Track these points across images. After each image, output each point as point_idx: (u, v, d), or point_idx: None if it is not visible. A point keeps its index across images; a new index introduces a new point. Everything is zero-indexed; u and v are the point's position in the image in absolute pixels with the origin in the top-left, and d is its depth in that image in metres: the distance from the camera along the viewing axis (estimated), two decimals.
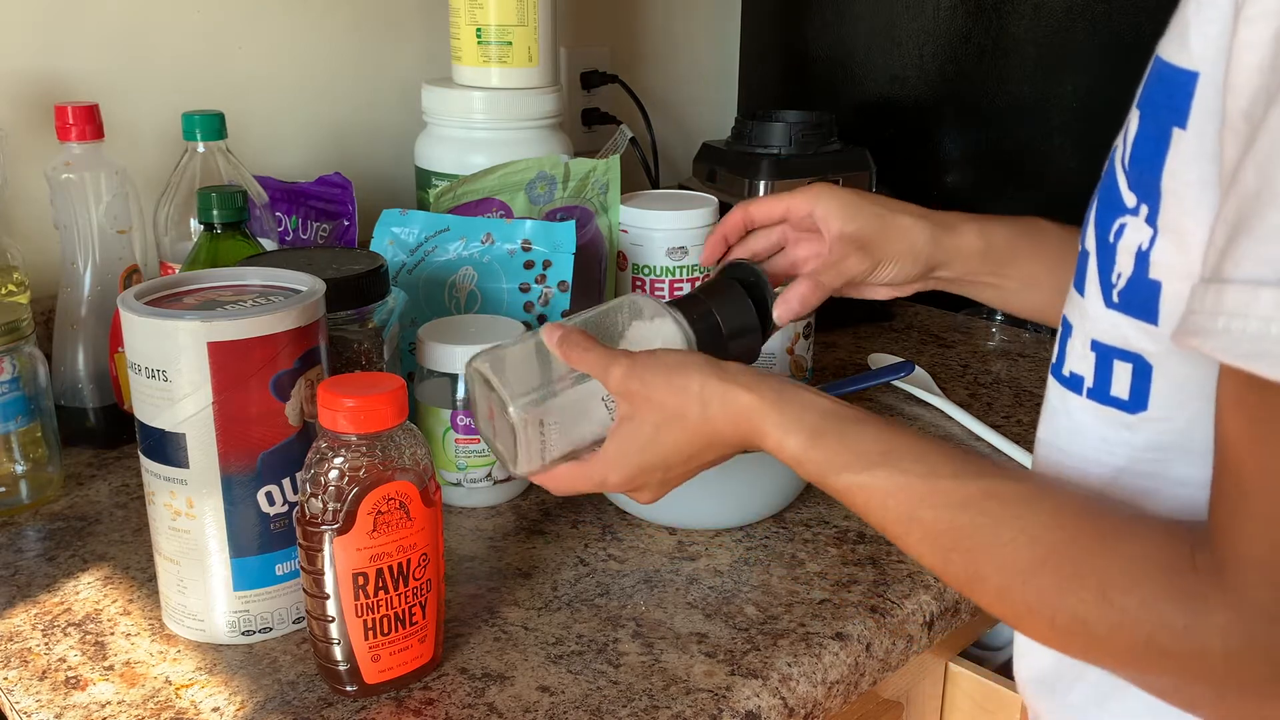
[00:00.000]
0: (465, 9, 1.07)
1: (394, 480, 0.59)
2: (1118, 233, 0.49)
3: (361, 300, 0.74)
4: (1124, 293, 0.49)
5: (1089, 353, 0.52)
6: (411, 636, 0.61)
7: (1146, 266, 0.47)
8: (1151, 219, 0.47)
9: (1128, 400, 0.50)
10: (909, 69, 1.37)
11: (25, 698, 0.61)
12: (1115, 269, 0.49)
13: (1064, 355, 0.55)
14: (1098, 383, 0.52)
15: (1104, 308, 0.50)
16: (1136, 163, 0.48)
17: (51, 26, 1.01)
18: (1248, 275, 0.38)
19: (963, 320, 1.29)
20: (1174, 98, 0.45)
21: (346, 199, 1.04)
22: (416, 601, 0.61)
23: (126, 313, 0.62)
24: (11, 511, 0.81)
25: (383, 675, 0.61)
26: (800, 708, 0.64)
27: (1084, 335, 0.52)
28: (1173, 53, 0.46)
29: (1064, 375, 0.54)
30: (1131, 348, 0.50)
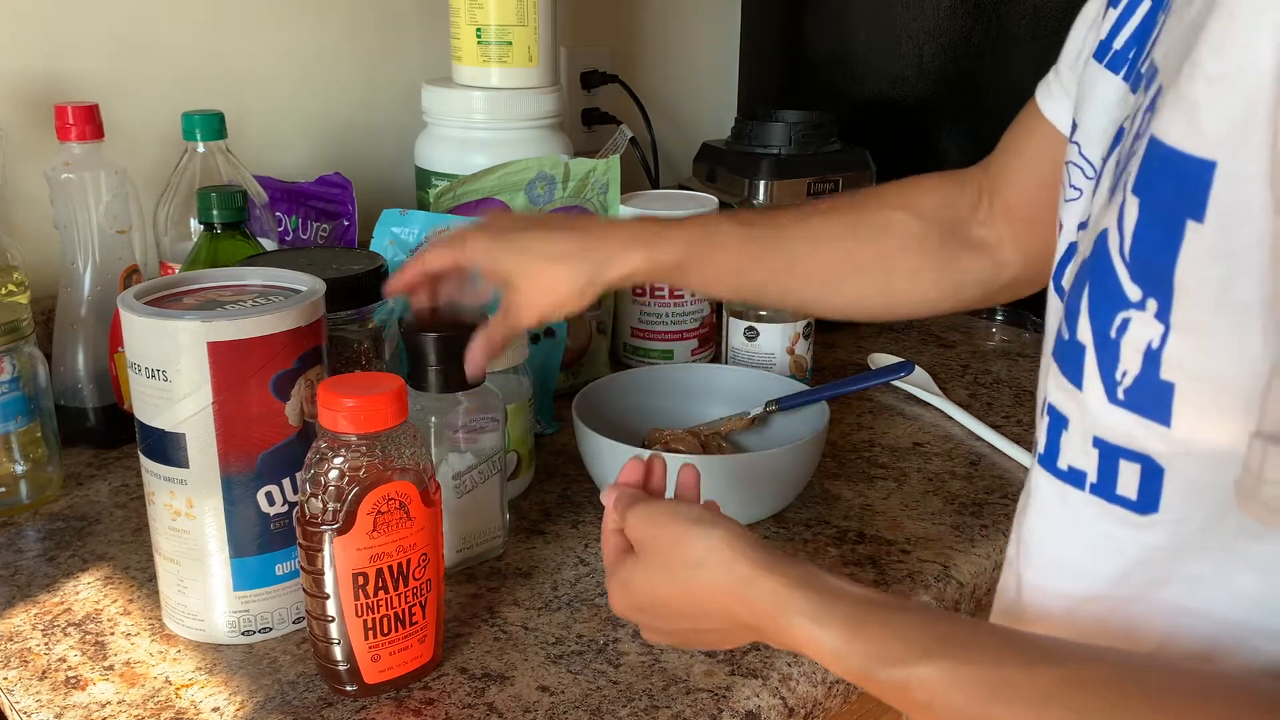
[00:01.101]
0: (465, 9, 1.06)
1: (394, 480, 0.59)
2: (1120, 328, 0.45)
3: (361, 300, 0.74)
4: (1131, 391, 0.45)
5: (1091, 449, 0.48)
6: (411, 636, 0.61)
7: (1158, 366, 0.44)
8: (1162, 315, 0.43)
9: (1136, 501, 0.47)
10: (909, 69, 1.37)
11: (25, 698, 0.61)
12: (1120, 366, 0.46)
13: (1058, 448, 0.51)
14: (1102, 480, 0.48)
15: (1107, 404, 0.47)
16: (1140, 254, 0.44)
17: (52, 26, 1.01)
18: None
19: (963, 320, 1.29)
20: (1186, 188, 0.41)
21: (346, 199, 1.04)
22: (416, 601, 0.61)
23: (126, 313, 0.62)
24: (11, 511, 0.81)
25: (382, 675, 0.61)
26: (800, 707, 0.64)
27: (1084, 431, 0.49)
28: (1178, 137, 0.41)
29: (1060, 469, 0.51)
30: (1140, 448, 0.46)
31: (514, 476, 0.83)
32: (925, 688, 0.45)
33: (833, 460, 0.91)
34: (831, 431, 0.96)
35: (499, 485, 0.75)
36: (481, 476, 0.73)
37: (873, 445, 0.95)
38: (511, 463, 0.82)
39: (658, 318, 1.07)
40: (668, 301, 1.07)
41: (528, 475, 0.85)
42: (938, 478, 0.89)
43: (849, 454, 0.93)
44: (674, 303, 1.07)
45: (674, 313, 1.07)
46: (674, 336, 1.08)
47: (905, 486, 0.87)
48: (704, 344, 1.10)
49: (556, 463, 0.90)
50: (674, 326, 1.08)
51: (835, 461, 0.91)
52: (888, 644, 0.47)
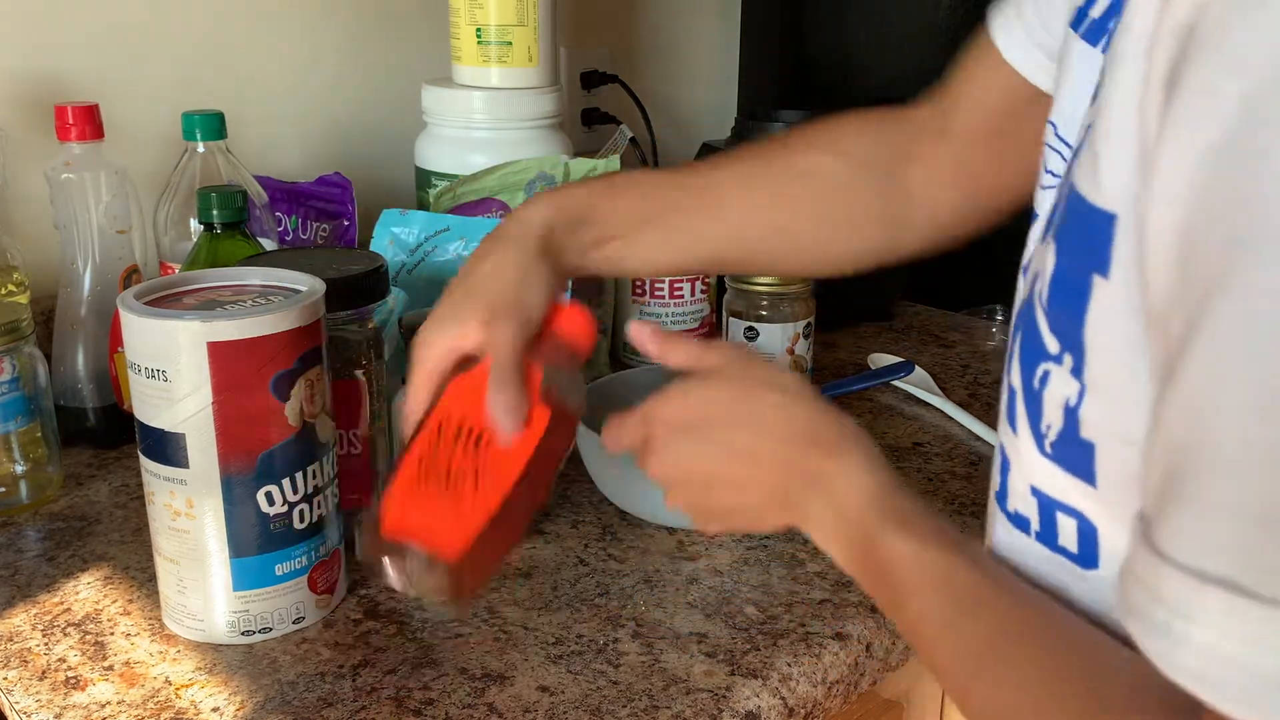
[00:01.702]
0: (465, 9, 1.06)
1: (539, 374, 0.58)
2: (1042, 379, 0.44)
3: (361, 300, 0.74)
4: (1056, 445, 0.44)
5: (1030, 498, 0.47)
6: (450, 505, 0.55)
7: (1077, 425, 0.42)
8: (1077, 372, 0.42)
9: (1077, 555, 0.46)
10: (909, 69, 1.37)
11: (25, 698, 0.61)
12: (1044, 419, 0.44)
13: (1006, 489, 0.50)
14: (1044, 529, 0.47)
15: (1038, 454, 0.46)
16: (1055, 307, 0.42)
17: (52, 26, 1.01)
18: (1188, 561, 0.33)
19: (963, 320, 1.28)
20: (1092, 240, 0.39)
21: (346, 199, 1.04)
22: (478, 475, 0.56)
23: (126, 313, 0.62)
24: (11, 511, 0.81)
25: (401, 527, 0.55)
26: (800, 708, 0.64)
27: (1023, 478, 0.48)
28: (1086, 186, 0.40)
29: (1009, 511, 0.50)
30: (1072, 504, 0.45)
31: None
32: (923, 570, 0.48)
33: None
34: None
35: None
36: None
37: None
38: None
39: (658, 318, 1.07)
40: (668, 302, 1.07)
41: None
42: (938, 478, 0.89)
43: None
44: (674, 303, 1.07)
45: (674, 313, 1.07)
46: None
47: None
48: None
49: None
50: (674, 326, 1.08)
51: None
52: (916, 518, 0.50)
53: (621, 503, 0.81)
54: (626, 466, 0.78)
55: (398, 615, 0.69)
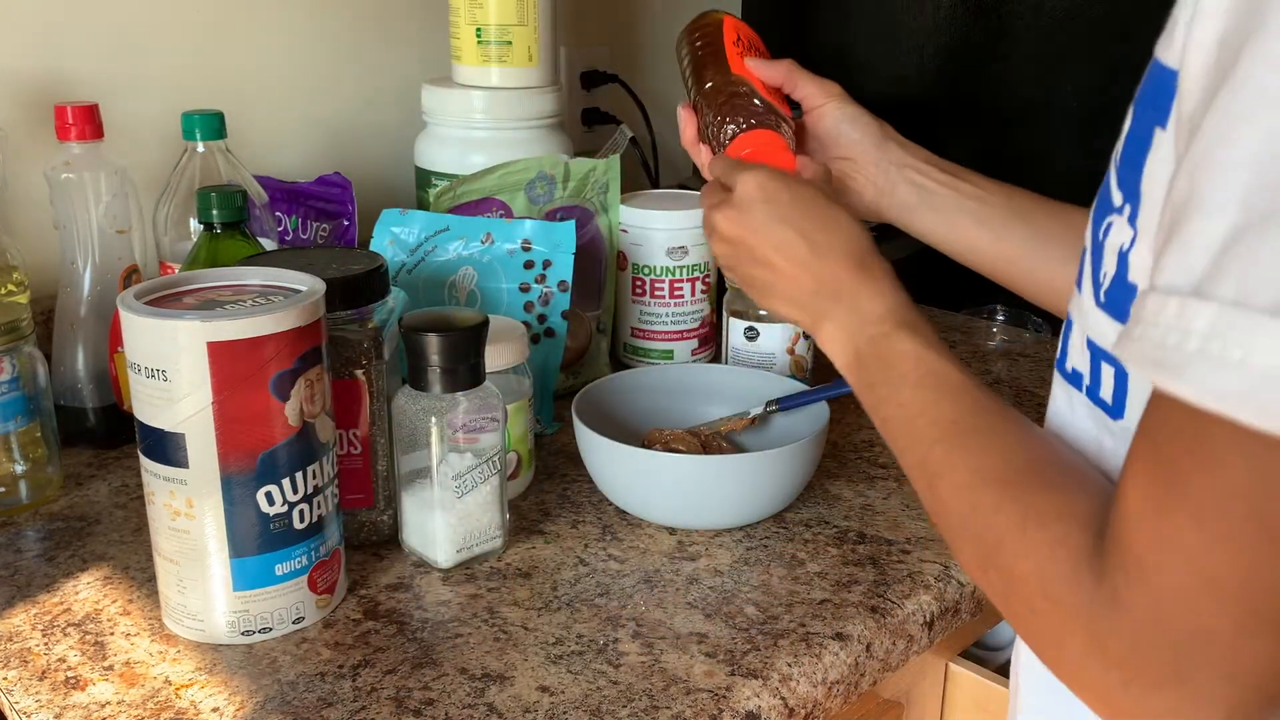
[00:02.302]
0: (465, 9, 1.06)
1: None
2: (1105, 231, 0.48)
3: (361, 300, 0.74)
4: (1109, 293, 0.48)
5: (1085, 350, 0.51)
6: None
7: (1127, 268, 0.46)
8: (1133, 219, 0.46)
9: (1110, 405, 0.50)
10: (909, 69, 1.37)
11: (25, 698, 0.61)
12: (1103, 268, 0.49)
13: (1066, 350, 0.54)
14: (1092, 382, 0.51)
15: (1094, 306, 0.49)
16: (1124, 161, 0.47)
17: (52, 27, 1.01)
18: (1165, 283, 0.37)
19: (963, 320, 1.29)
20: (1159, 96, 0.44)
21: (346, 199, 1.04)
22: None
23: (126, 313, 0.62)
24: (11, 511, 0.81)
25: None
26: (800, 708, 0.64)
27: (1081, 332, 0.52)
28: (1163, 50, 0.45)
29: (1066, 370, 0.54)
30: (1114, 352, 0.49)
31: (514, 476, 0.83)
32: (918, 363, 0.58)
33: (833, 460, 0.91)
34: (831, 431, 0.96)
35: (499, 485, 0.75)
36: (481, 476, 0.73)
37: (873, 445, 0.95)
38: (511, 463, 0.82)
39: (658, 318, 1.07)
40: (668, 302, 1.07)
41: (528, 475, 0.85)
42: None
43: (849, 454, 0.93)
44: (674, 303, 1.07)
45: (674, 313, 1.07)
46: (674, 336, 1.08)
47: (905, 486, 0.87)
48: (704, 344, 1.10)
49: (556, 463, 0.90)
50: (674, 326, 1.08)
51: (835, 461, 0.91)
52: (928, 329, 0.60)
53: (621, 503, 0.81)
54: (626, 466, 0.78)
55: (398, 615, 0.69)
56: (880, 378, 0.60)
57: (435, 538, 0.73)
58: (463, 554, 0.74)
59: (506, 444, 0.78)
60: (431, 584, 0.73)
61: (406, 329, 0.71)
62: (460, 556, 0.74)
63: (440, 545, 0.73)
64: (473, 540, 0.74)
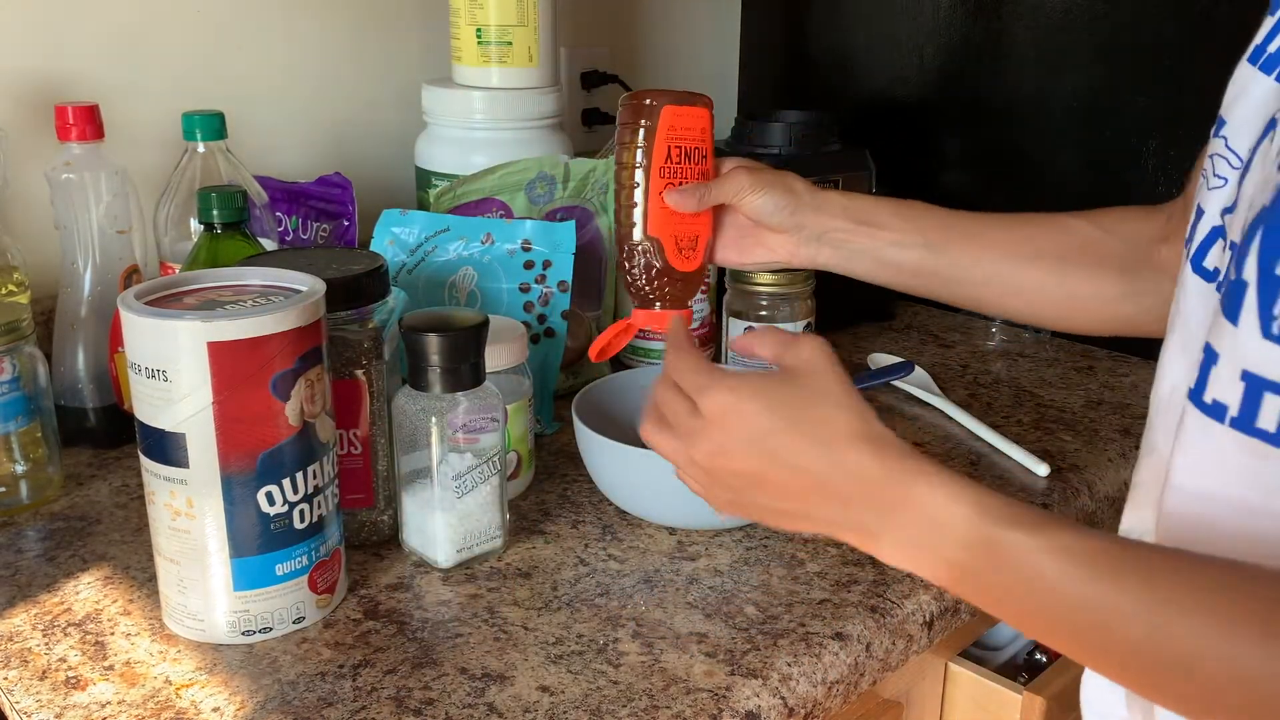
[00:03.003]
0: (465, 9, 1.07)
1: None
2: None
3: (361, 300, 0.74)
4: None
5: (1239, 382, 0.50)
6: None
7: None
8: None
9: (1274, 433, 0.49)
10: (909, 69, 1.37)
11: (25, 698, 0.61)
12: (1278, 304, 0.47)
13: (1205, 382, 0.53)
14: (1243, 413, 0.50)
15: (1260, 338, 0.48)
16: None
17: (52, 26, 1.01)
18: None
19: (963, 320, 1.29)
20: None
21: (346, 199, 1.04)
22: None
23: (126, 313, 0.62)
24: (11, 511, 0.81)
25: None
26: (800, 708, 0.64)
27: (1234, 365, 0.50)
28: None
29: (1205, 402, 0.52)
30: None
31: (514, 476, 0.83)
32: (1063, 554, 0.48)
33: None
34: None
35: (499, 485, 0.75)
36: (481, 476, 0.73)
37: None
38: (511, 463, 0.82)
39: None
40: None
41: (528, 475, 0.85)
42: None
43: None
44: None
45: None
46: None
47: None
48: (704, 344, 1.10)
49: (556, 463, 0.90)
50: None
51: None
52: (1026, 511, 0.50)
53: (621, 503, 0.81)
54: (626, 466, 0.78)
55: (398, 615, 0.69)
56: (1020, 590, 0.50)
57: (435, 538, 0.73)
58: (463, 554, 0.74)
59: (506, 444, 0.78)
60: (431, 584, 0.73)
61: (406, 329, 0.71)
62: (460, 556, 0.74)
63: (440, 545, 0.73)
64: (473, 540, 0.74)
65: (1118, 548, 0.48)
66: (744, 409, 0.56)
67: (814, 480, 0.54)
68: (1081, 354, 1.19)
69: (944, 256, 0.79)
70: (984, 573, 0.50)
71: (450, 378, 0.71)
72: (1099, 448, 0.96)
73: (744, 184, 0.78)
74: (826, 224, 0.79)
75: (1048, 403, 1.05)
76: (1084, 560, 0.48)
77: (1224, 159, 0.58)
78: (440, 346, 0.70)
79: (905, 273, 0.80)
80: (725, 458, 0.56)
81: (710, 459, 0.57)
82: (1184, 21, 1.13)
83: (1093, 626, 0.47)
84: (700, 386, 0.57)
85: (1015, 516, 0.50)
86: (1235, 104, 0.58)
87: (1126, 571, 0.47)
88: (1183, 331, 0.59)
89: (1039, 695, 0.81)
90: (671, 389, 0.60)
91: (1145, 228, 0.78)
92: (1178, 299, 0.60)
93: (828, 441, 0.54)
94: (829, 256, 0.80)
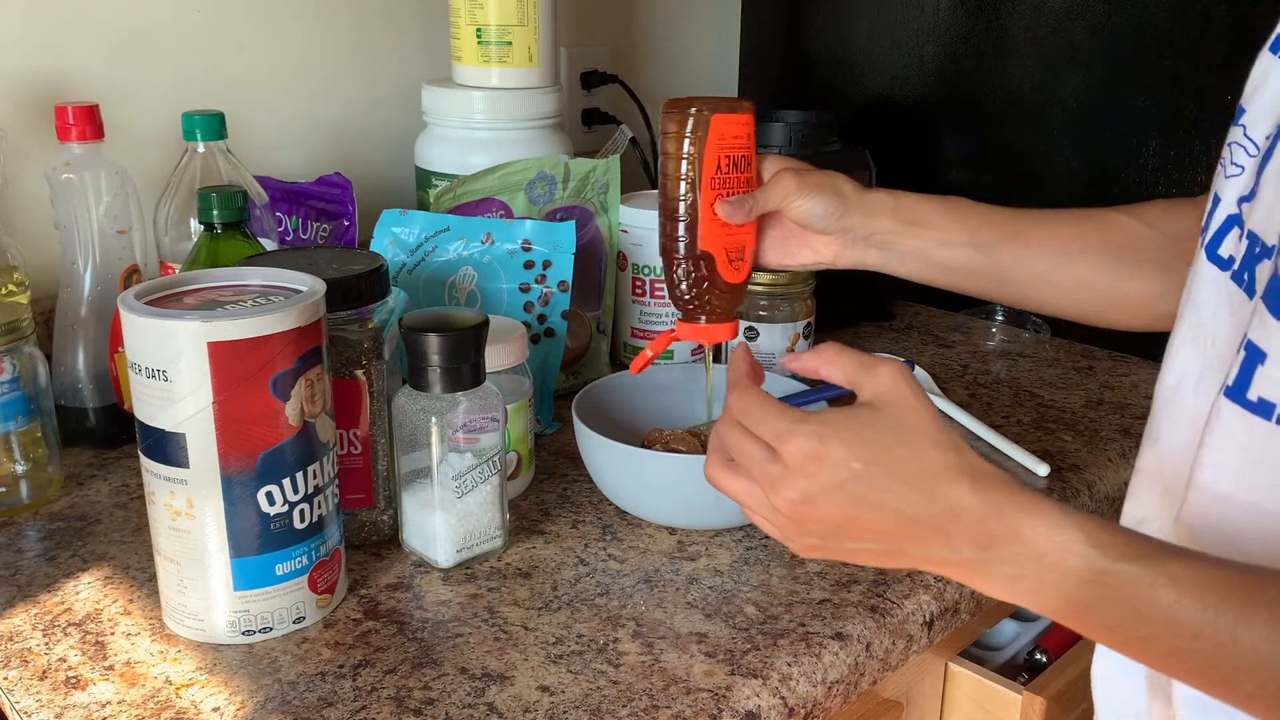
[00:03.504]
0: (465, 9, 1.07)
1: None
2: None
3: (361, 300, 0.74)
4: None
5: None
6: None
7: None
8: None
9: None
10: (909, 69, 1.37)
11: (25, 697, 0.61)
12: None
13: (1249, 380, 0.52)
14: None
15: None
16: None
17: (52, 26, 1.01)
18: None
19: (963, 320, 1.29)
20: None
21: (346, 199, 1.04)
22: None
23: (126, 313, 0.62)
24: (11, 511, 0.81)
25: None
26: (800, 707, 0.64)
27: None
28: None
29: (1250, 400, 0.52)
30: None
31: (514, 476, 0.83)
32: (1177, 584, 0.46)
33: None
34: None
35: (499, 485, 0.75)
36: (481, 476, 0.73)
37: None
38: (511, 463, 0.82)
39: (658, 318, 1.07)
40: (668, 301, 1.07)
41: (528, 475, 0.85)
42: None
43: None
44: None
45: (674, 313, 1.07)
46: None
47: None
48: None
49: (556, 463, 0.90)
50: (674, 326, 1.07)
51: None
52: (1134, 541, 0.48)
53: (621, 503, 0.81)
54: (626, 466, 0.78)
55: (398, 615, 0.69)
56: (1130, 619, 0.48)
57: (435, 538, 0.73)
58: (463, 554, 0.74)
59: (506, 444, 0.78)
60: (432, 584, 0.73)
61: (406, 329, 0.71)
62: (460, 556, 0.74)
63: (440, 545, 0.73)
64: (473, 540, 0.74)
65: (1229, 573, 0.47)
66: (829, 455, 0.52)
67: (908, 520, 0.51)
68: (1081, 354, 1.19)
69: (992, 256, 0.77)
70: (1095, 605, 0.49)
71: (450, 378, 0.71)
72: (1099, 448, 0.96)
73: (791, 188, 0.75)
74: (874, 226, 0.77)
75: (1048, 403, 1.05)
76: (1198, 591, 0.46)
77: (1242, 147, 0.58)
78: (440, 346, 0.70)
79: (953, 273, 0.78)
80: (810, 506, 0.53)
81: (794, 508, 0.53)
82: (1184, 21, 1.13)
83: (1213, 656, 0.46)
84: (779, 434, 0.53)
85: (1123, 547, 0.48)
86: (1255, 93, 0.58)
87: (1242, 600, 0.46)
88: (1193, 318, 0.59)
89: (1039, 695, 0.81)
90: (740, 431, 0.56)
91: (1186, 222, 0.77)
92: (1190, 287, 0.59)
93: (922, 480, 0.51)
94: (875, 258, 0.78)
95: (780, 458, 0.53)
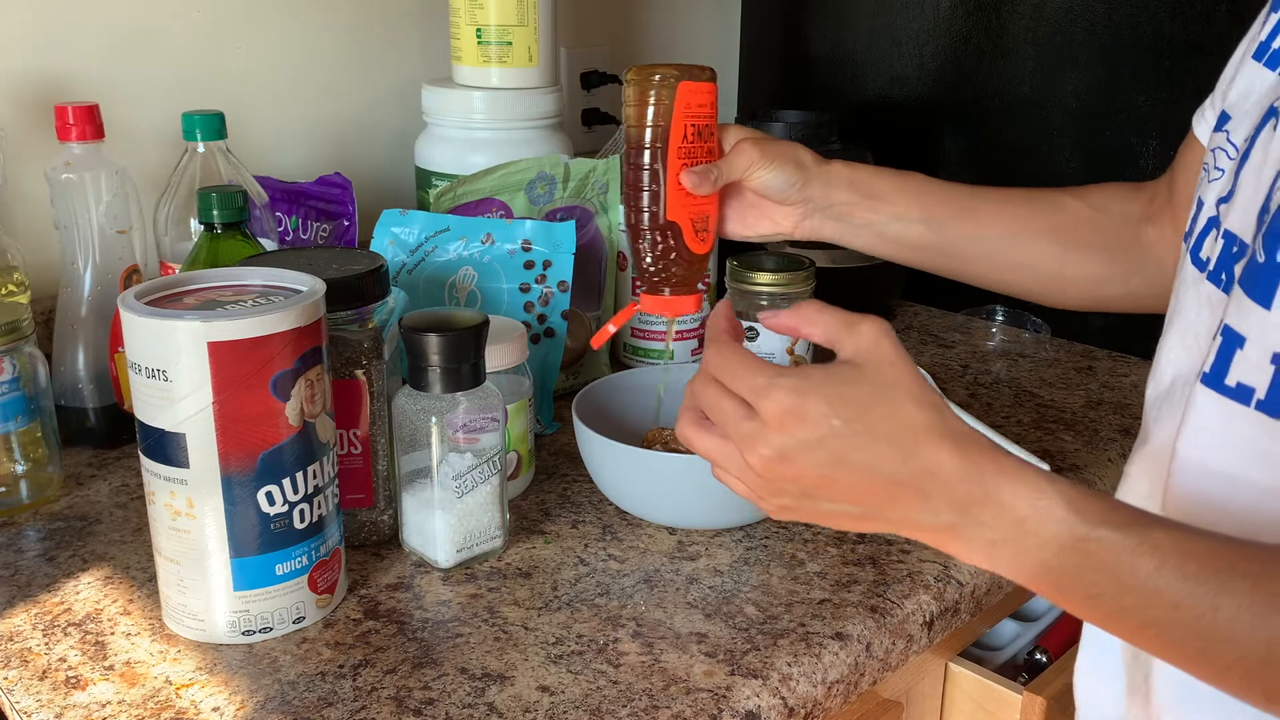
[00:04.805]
0: (465, 9, 1.07)
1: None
2: None
3: (361, 300, 0.74)
4: None
5: (1268, 365, 0.49)
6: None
7: None
8: None
9: None
10: (909, 69, 1.37)
11: (25, 698, 0.61)
12: None
13: (1227, 366, 0.52)
14: (1270, 396, 0.49)
15: None
16: None
17: (51, 26, 1.01)
18: None
19: (963, 320, 1.29)
20: None
21: (346, 199, 1.04)
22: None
23: (126, 313, 0.62)
24: (11, 511, 0.81)
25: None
26: (800, 708, 0.64)
27: (1263, 348, 0.50)
28: None
29: (1227, 386, 0.52)
30: None
31: (514, 476, 0.83)
32: (1158, 552, 0.45)
33: None
34: None
35: (499, 485, 0.75)
36: (481, 476, 0.73)
37: None
38: (511, 463, 0.82)
39: (657, 317, 1.07)
40: None
41: (528, 475, 0.85)
42: None
43: None
44: None
45: None
46: (674, 336, 1.08)
47: None
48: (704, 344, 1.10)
49: (556, 463, 0.90)
50: (675, 326, 1.07)
51: None
52: (1117, 508, 0.47)
53: (621, 503, 0.81)
54: (626, 466, 0.78)
55: (398, 615, 0.69)
56: (1110, 588, 0.47)
57: (435, 538, 0.73)
58: (463, 554, 0.74)
59: (506, 444, 0.78)
60: (431, 584, 0.73)
61: (406, 329, 0.71)
62: (460, 556, 0.74)
63: (440, 545, 0.73)
64: (473, 540, 0.74)
65: (1211, 543, 0.46)
66: (807, 410, 0.50)
67: (887, 480, 0.49)
68: (1081, 354, 1.19)
69: (943, 233, 0.79)
70: (1074, 572, 0.47)
71: (450, 378, 0.71)
72: (1099, 448, 0.96)
73: (753, 158, 0.75)
74: (832, 197, 0.78)
75: (1048, 403, 1.05)
76: (1179, 559, 0.45)
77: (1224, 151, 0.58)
78: (440, 346, 0.70)
79: (906, 248, 0.80)
80: (786, 464, 0.51)
81: (768, 465, 0.51)
82: (1184, 21, 1.13)
83: (1193, 627, 0.45)
84: (757, 389, 0.51)
85: (1106, 514, 0.47)
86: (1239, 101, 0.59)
87: (1224, 569, 0.45)
88: (1181, 325, 0.59)
89: (1039, 695, 0.81)
90: (716, 388, 0.54)
91: (1132, 207, 0.78)
92: (1177, 292, 0.60)
93: (902, 438, 0.49)
94: (832, 230, 0.79)
95: (758, 414, 0.51)
